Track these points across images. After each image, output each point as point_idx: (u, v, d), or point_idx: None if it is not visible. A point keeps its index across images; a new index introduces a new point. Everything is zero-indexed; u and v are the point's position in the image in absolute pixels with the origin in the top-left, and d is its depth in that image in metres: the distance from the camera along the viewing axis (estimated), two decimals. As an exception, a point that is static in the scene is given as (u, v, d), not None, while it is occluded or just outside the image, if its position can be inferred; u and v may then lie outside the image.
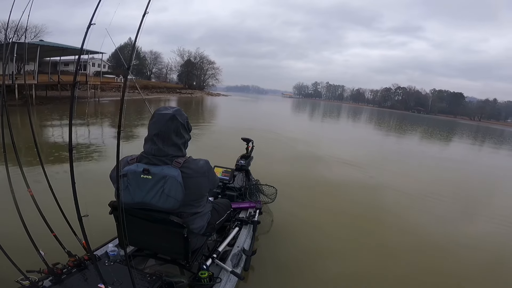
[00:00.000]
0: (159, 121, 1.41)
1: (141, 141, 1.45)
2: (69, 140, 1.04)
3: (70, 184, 1.17)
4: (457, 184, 6.01)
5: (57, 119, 9.49)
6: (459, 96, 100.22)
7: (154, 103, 20.64)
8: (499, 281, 2.50)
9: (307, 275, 2.26)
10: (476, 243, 3.15)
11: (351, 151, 8.48)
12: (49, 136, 6.86)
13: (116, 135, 1.09)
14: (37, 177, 1.67)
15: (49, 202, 1.62)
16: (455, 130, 26.18)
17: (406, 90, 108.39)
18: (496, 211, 4.38)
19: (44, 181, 1.66)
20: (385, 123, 25.44)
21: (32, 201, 1.54)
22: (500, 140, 21.19)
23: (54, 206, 1.64)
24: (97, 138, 7.08)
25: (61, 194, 1.65)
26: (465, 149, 13.46)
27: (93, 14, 0.96)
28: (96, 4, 0.95)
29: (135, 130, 8.21)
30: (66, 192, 1.43)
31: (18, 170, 1.57)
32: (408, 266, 2.56)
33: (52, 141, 6.32)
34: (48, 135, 6.96)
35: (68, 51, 17.49)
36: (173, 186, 1.34)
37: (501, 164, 10.25)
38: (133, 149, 1.67)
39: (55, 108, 12.08)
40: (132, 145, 5.90)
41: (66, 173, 1.21)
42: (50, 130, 7.68)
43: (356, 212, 3.64)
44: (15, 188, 1.44)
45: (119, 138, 1.07)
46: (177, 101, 24.72)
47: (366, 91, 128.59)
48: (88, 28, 0.98)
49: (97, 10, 0.96)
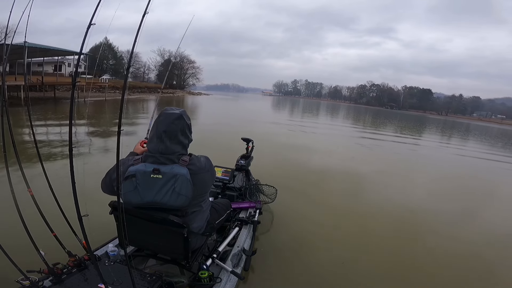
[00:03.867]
0: (167, 119, 1.44)
1: (130, 138, 1.46)
2: (69, 140, 1.04)
3: (70, 184, 1.17)
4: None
5: (52, 119, 9.54)
6: (428, 92, 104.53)
7: (136, 103, 20.90)
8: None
9: (307, 275, 2.26)
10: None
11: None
12: (48, 136, 6.87)
13: (115, 134, 1.09)
14: (37, 177, 1.67)
15: (49, 202, 1.62)
16: (424, 125, 26.96)
17: (380, 87, 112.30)
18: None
19: (44, 180, 1.66)
20: (361, 120, 26.10)
21: (32, 201, 1.54)
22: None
23: (54, 206, 1.64)
24: (97, 137, 7.08)
25: (61, 194, 1.65)
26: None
27: (93, 14, 0.97)
28: (96, 4, 0.95)
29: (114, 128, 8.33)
30: (66, 191, 1.43)
31: (18, 170, 1.57)
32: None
33: (52, 140, 6.32)
34: (46, 135, 6.96)
35: (51, 52, 17.66)
36: (183, 184, 1.38)
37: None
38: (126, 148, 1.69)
39: (42, 109, 12.08)
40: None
41: (67, 173, 1.21)
42: (47, 130, 7.74)
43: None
44: (15, 188, 1.44)
45: (119, 138, 1.07)
46: (160, 101, 24.98)
47: (343, 88, 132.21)
48: (88, 28, 0.98)
49: (97, 11, 0.97)
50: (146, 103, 22.46)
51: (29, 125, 1.79)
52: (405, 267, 2.50)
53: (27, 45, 1.45)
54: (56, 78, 20.86)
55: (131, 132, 7.81)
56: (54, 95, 18.05)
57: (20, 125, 6.78)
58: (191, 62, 61.88)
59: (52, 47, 16.70)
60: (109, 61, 51.00)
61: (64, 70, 30.09)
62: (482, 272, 2.59)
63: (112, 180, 1.46)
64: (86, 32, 0.96)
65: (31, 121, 1.78)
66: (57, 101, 16.69)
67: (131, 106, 18.33)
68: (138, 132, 7.52)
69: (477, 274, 2.55)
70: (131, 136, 6.75)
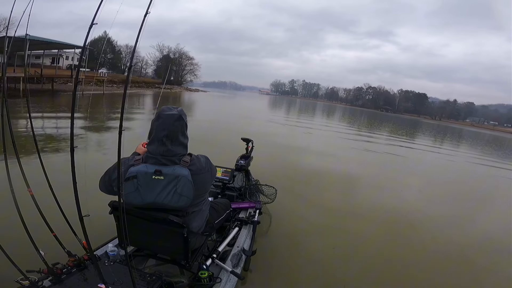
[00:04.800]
0: (167, 122, 1.41)
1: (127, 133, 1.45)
2: (70, 141, 1.04)
3: (69, 182, 1.17)
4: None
5: (49, 112, 9.54)
6: (423, 96, 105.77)
7: (133, 98, 21.00)
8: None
9: (307, 275, 2.27)
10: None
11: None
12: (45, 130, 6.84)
13: (116, 134, 1.09)
14: (38, 177, 1.66)
15: (49, 202, 1.62)
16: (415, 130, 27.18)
17: (376, 90, 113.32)
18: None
19: (44, 180, 1.65)
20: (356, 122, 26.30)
21: (32, 201, 1.54)
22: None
23: (54, 206, 1.63)
24: (98, 133, 7.04)
25: (61, 193, 1.65)
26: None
27: (96, 13, 0.96)
28: (98, 4, 0.95)
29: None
30: (66, 191, 1.43)
31: (18, 170, 1.56)
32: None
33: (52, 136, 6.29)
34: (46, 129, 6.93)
35: (52, 45, 17.70)
36: (185, 186, 1.38)
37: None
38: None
39: (42, 101, 12.13)
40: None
41: (67, 173, 1.21)
42: (47, 123, 7.74)
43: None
44: (15, 187, 1.44)
45: (120, 138, 1.07)
46: (158, 97, 25.20)
47: (340, 89, 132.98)
48: (91, 27, 0.98)
49: (99, 10, 0.96)
50: (142, 98, 22.54)
51: (28, 119, 1.78)
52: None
53: (28, 37, 1.45)
54: (55, 71, 20.79)
55: (127, 127, 7.78)
56: (52, 88, 18.00)
57: (20, 117, 6.78)
58: (189, 59, 61.91)
59: (54, 40, 16.70)
60: (107, 55, 51.05)
61: (62, 63, 30.08)
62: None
63: (111, 180, 1.44)
64: (88, 31, 0.96)
65: (32, 122, 1.77)
66: (56, 93, 16.70)
67: (128, 100, 18.25)
68: (134, 128, 7.47)
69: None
70: (128, 131, 6.72)
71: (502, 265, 2.84)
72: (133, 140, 1.71)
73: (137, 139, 1.78)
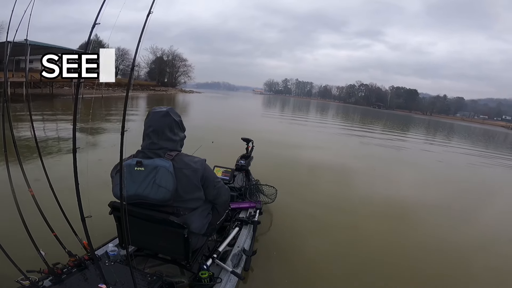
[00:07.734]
0: (154, 118, 1.50)
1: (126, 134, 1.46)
2: (73, 141, 1.04)
3: (70, 182, 1.17)
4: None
5: (54, 115, 9.50)
6: (414, 92, 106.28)
7: (131, 100, 20.78)
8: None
9: (308, 275, 2.27)
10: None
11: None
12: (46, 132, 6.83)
13: (117, 134, 1.09)
14: (38, 176, 1.66)
15: (50, 202, 1.62)
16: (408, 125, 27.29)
17: (368, 87, 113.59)
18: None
19: (45, 180, 1.65)
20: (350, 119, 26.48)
21: (33, 200, 1.53)
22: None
23: (55, 206, 1.63)
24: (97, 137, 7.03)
25: (61, 193, 1.65)
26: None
27: (98, 14, 0.96)
28: (101, 4, 0.95)
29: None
30: (66, 191, 1.42)
31: (19, 169, 1.56)
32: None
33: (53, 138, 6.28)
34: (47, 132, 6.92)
35: (51, 50, 17.59)
36: (164, 176, 1.39)
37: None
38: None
39: (43, 105, 12.10)
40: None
41: (68, 171, 1.21)
42: (49, 127, 7.69)
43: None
44: (16, 187, 1.43)
45: (122, 139, 1.07)
46: (152, 99, 25.12)
47: (332, 87, 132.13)
48: (93, 28, 0.98)
49: (102, 11, 0.96)
50: (136, 100, 22.46)
51: (29, 123, 1.78)
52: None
53: (28, 43, 1.45)
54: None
55: (127, 128, 7.79)
56: (51, 92, 18.00)
57: (21, 121, 6.75)
58: (183, 60, 61.78)
59: (53, 45, 16.64)
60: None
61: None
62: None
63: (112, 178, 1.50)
64: (90, 32, 0.96)
65: (32, 122, 1.76)
66: (55, 97, 16.68)
67: (122, 103, 18.28)
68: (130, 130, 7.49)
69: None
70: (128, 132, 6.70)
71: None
72: (133, 142, 1.71)
73: (137, 139, 1.78)
